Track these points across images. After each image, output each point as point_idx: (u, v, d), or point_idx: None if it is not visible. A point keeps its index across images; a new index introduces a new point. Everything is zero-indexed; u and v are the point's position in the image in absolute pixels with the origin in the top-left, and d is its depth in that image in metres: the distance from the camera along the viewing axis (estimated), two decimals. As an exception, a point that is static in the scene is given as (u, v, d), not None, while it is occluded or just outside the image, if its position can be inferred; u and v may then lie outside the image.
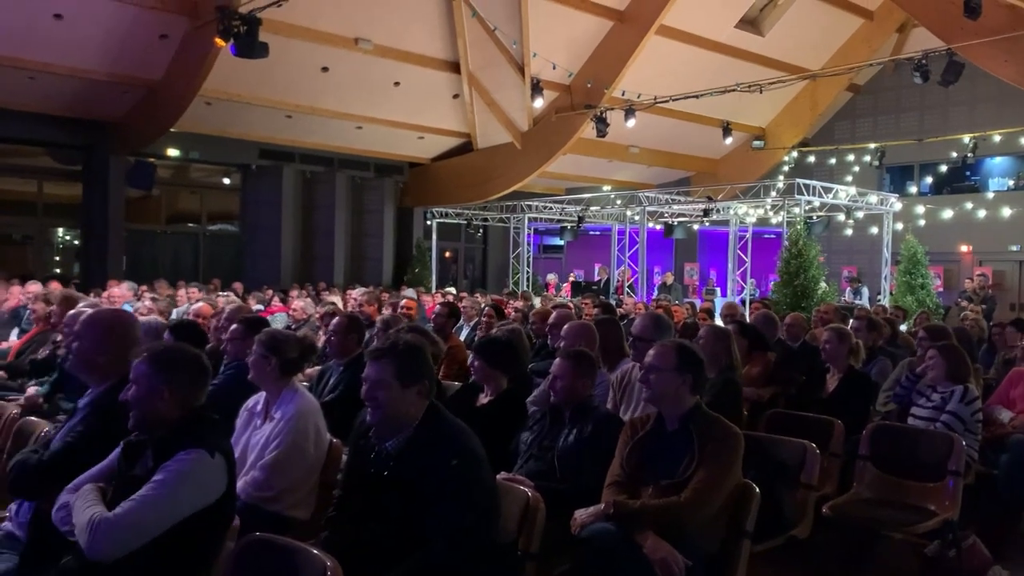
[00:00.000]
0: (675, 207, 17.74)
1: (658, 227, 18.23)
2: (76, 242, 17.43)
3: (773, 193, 15.85)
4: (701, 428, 3.19)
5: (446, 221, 19.67)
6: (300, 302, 9.65)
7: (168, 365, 2.58)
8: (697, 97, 13.89)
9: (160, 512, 2.38)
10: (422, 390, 2.81)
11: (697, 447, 3.13)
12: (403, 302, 8.88)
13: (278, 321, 9.59)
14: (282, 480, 3.41)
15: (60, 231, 17.90)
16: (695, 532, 3.05)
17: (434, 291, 15.94)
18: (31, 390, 5.07)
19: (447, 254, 21.77)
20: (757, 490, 3.21)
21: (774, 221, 17.04)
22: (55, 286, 9.30)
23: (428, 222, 19.69)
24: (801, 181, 14.75)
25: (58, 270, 16.85)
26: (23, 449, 3.08)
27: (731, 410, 4.07)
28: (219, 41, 10.62)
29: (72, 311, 4.99)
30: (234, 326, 4.67)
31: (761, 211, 17.10)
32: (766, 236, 18.62)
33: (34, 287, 8.56)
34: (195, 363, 2.67)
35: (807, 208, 15.20)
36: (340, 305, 10.03)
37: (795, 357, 6.39)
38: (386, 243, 19.63)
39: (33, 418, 3.95)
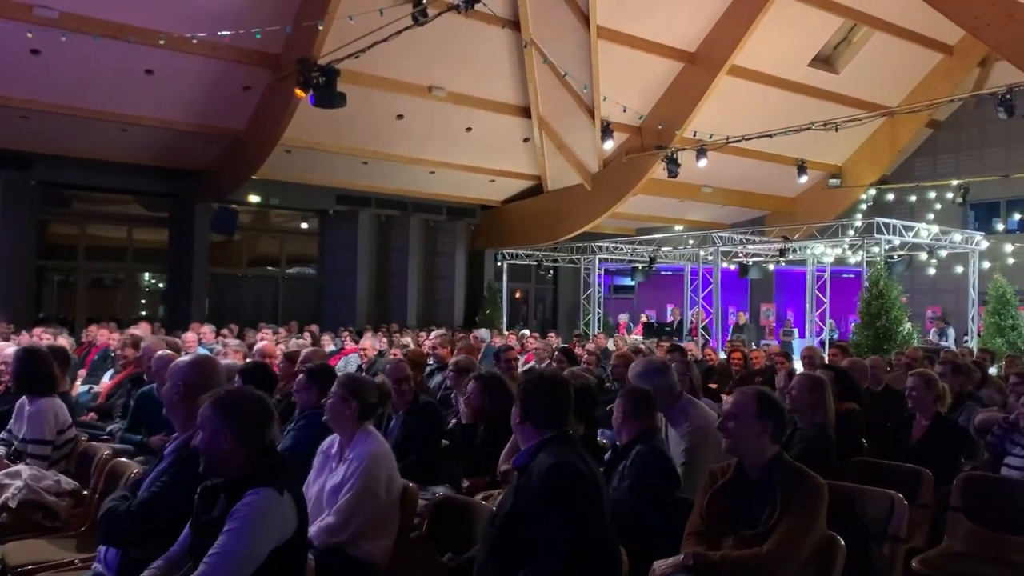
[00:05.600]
0: (750, 247, 17.50)
1: (732, 267, 17.97)
2: (161, 285, 18.12)
3: (851, 232, 15.50)
4: (783, 478, 3.10)
5: (516, 263, 19.80)
6: (369, 341, 9.82)
7: (231, 410, 2.63)
8: (770, 136, 13.74)
9: (243, 560, 2.45)
10: None
11: (780, 497, 3.04)
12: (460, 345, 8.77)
13: (352, 362, 9.77)
14: (355, 524, 3.43)
15: (147, 275, 18.64)
16: (779, 586, 2.96)
17: (506, 332, 15.99)
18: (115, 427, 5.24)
19: (517, 295, 21.86)
20: (843, 543, 3.10)
21: (852, 261, 16.64)
22: (144, 327, 9.66)
23: (499, 263, 19.85)
24: (881, 220, 14.40)
25: (144, 312, 17.50)
26: (113, 493, 3.17)
27: (822, 466, 3.92)
28: (299, 92, 11.02)
29: (158, 354, 5.14)
30: (299, 377, 4.63)
31: (839, 250, 16.72)
32: (845, 276, 18.16)
33: (138, 331, 8.83)
34: (258, 405, 2.70)
35: (887, 247, 14.81)
36: (413, 347, 10.13)
37: (879, 403, 6.18)
38: (458, 284, 19.84)
39: (124, 459, 4.09)
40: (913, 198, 19.25)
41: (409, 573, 3.53)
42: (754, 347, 12.06)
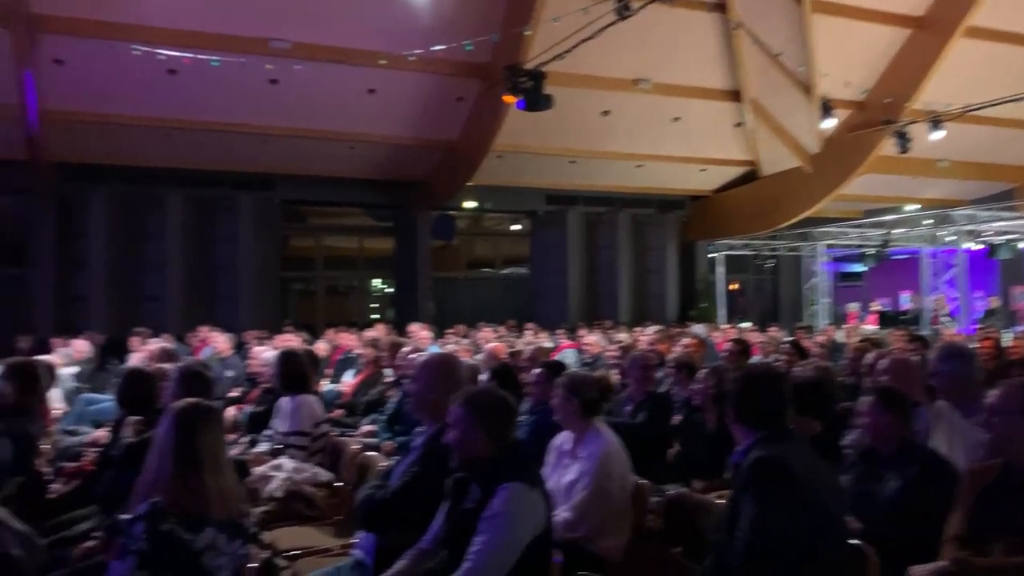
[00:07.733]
0: (997, 224, 15.84)
1: (977, 247, 16.37)
2: (390, 290, 19.31)
3: (1124, 201, 13.63)
4: (1062, 479, 2.78)
5: (732, 253, 19.18)
6: (593, 337, 9.90)
7: (481, 408, 2.81)
8: (1018, 101, 12.35)
9: (504, 554, 2.59)
10: None
11: (1058, 501, 2.72)
12: (684, 341, 8.77)
13: (568, 357, 9.89)
14: (589, 520, 3.49)
15: (376, 281, 19.94)
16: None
17: (724, 326, 15.51)
18: (366, 428, 5.65)
19: (733, 287, 21.15)
20: None
21: None
22: (380, 329, 10.35)
23: (712, 255, 19.32)
24: None
25: (375, 316, 18.73)
26: (365, 484, 3.42)
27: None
28: (508, 98, 11.30)
29: (403, 353, 5.52)
30: (537, 371, 4.87)
31: (1108, 222, 14.75)
32: (1117, 251, 15.99)
33: (375, 333, 9.55)
34: (504, 404, 2.90)
35: None
36: (630, 343, 10.10)
37: None
38: (669, 279, 19.53)
39: (372, 453, 4.41)
40: None
41: (644, 569, 3.53)
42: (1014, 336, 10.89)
